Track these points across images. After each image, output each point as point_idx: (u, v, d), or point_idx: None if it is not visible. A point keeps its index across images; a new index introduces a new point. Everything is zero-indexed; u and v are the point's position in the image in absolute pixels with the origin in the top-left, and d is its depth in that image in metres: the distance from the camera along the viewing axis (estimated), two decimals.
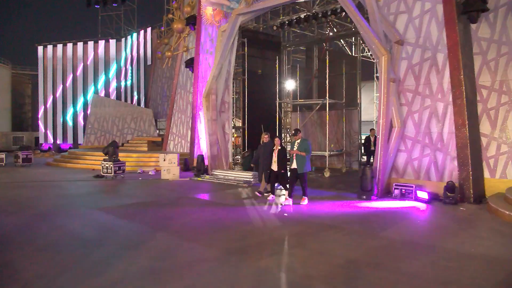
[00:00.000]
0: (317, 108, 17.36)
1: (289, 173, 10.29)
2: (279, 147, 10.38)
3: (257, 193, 11.15)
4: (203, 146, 16.39)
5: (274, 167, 10.37)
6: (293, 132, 10.24)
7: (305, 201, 9.91)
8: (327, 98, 15.98)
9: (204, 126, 16.05)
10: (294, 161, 9.77)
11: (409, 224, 8.06)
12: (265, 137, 11.23)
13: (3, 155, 20.45)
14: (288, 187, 10.10)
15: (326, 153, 16.40)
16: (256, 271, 5.29)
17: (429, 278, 5.05)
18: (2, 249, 6.25)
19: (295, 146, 9.86)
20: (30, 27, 54.57)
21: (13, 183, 13.87)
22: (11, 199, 10.67)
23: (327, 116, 16.44)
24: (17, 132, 37.42)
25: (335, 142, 18.15)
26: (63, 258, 5.76)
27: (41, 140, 33.77)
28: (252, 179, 13.32)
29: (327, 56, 16.32)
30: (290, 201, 9.87)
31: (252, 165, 11.78)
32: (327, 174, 15.50)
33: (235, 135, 17.89)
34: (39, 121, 34.14)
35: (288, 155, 10.21)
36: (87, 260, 5.69)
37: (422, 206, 9.70)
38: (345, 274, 5.21)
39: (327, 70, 16.01)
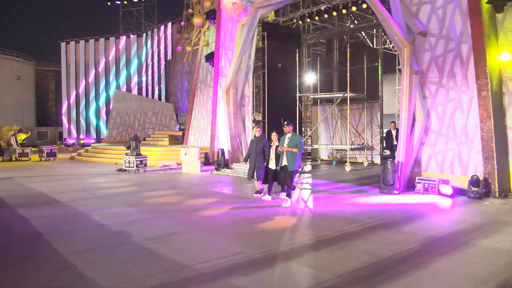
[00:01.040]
0: (337, 101, 17.20)
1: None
2: (277, 143, 9.29)
3: (255, 195, 10.03)
4: (223, 140, 16.44)
5: (272, 164, 9.40)
6: (284, 123, 9.14)
7: (287, 203, 8.91)
8: (348, 91, 15.83)
9: (224, 120, 16.09)
10: (284, 158, 8.91)
11: (432, 219, 7.94)
12: (257, 131, 10.00)
13: (28, 150, 20.98)
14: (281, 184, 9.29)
15: (347, 147, 16.26)
16: (278, 265, 5.28)
17: (452, 273, 4.97)
18: (28, 242, 6.40)
19: (285, 141, 8.93)
20: (52, 24, 55.61)
21: (38, 177, 14.20)
22: (37, 193, 10.91)
23: (348, 109, 16.29)
24: (42, 127, 38.29)
25: (356, 136, 17.97)
26: (89, 251, 5.86)
27: (65, 135, 34.47)
28: None
29: (348, 48, 16.13)
30: (270, 198, 9.33)
31: (244, 162, 10.51)
32: (348, 168, 15.38)
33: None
34: (63, 116, 34.84)
35: (278, 151, 9.13)
36: (113, 254, 5.78)
37: (445, 200, 9.53)
38: (368, 268, 5.16)
39: (348, 63, 15.82)
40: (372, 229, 7.02)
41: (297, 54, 17.44)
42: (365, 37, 20.70)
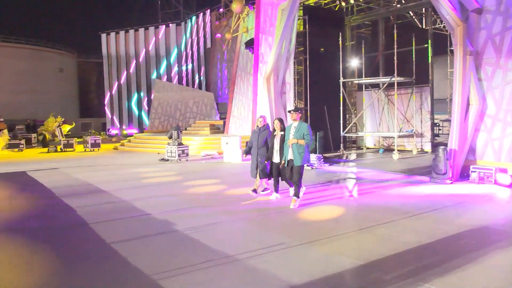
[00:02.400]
0: (384, 86, 16.57)
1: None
2: (281, 132, 8.18)
3: (251, 192, 8.76)
4: None
5: (276, 158, 8.25)
6: (292, 109, 8.03)
7: (296, 204, 7.74)
8: (396, 75, 15.23)
9: (265, 108, 15.84)
10: (290, 150, 7.76)
11: (488, 211, 7.45)
12: (259, 121, 8.84)
13: (72, 141, 21.64)
14: (276, 180, 8.21)
15: (395, 134, 15.69)
16: (322, 255, 5.15)
17: (511, 270, 4.63)
18: (75, 231, 6.51)
19: (291, 131, 7.77)
20: (92, 15, 56.89)
21: (83, 167, 14.57)
22: (82, 183, 11.16)
23: (396, 94, 15.67)
24: (85, 119, 39.46)
25: (404, 122, 17.26)
26: (133, 239, 5.87)
27: (108, 126, 35.35)
28: (315, 162, 12.98)
29: (395, 30, 15.43)
30: (278, 196, 8.23)
31: (244, 155, 9.22)
32: (396, 156, 14.84)
33: None
34: (106, 107, 35.65)
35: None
36: (156, 243, 5.76)
37: (503, 191, 8.96)
38: (416, 261, 4.91)
39: (395, 45, 15.16)
40: (422, 221, 6.69)
41: (340, 37, 16.85)
42: (413, 17, 19.65)
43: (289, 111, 7.99)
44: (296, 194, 7.78)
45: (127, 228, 6.60)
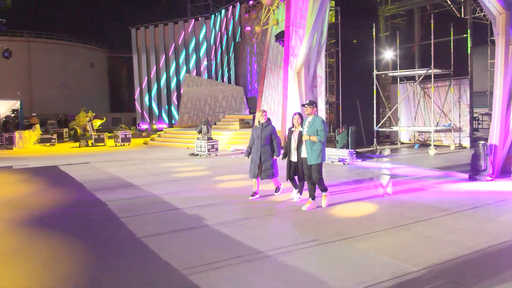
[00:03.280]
0: (420, 78, 16.06)
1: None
2: (300, 129, 7.40)
3: (251, 197, 8.09)
4: None
5: (294, 156, 7.60)
6: (306, 103, 7.26)
7: (325, 200, 7.31)
8: (432, 67, 14.73)
9: (295, 103, 15.60)
10: (303, 147, 7.20)
11: None
12: (262, 116, 7.98)
13: (103, 135, 22.00)
14: (307, 183, 7.37)
15: (431, 129, 15.20)
16: (356, 253, 5.02)
17: None
18: (106, 225, 6.56)
19: (305, 126, 7.16)
20: (122, 10, 57.44)
21: (113, 162, 14.78)
22: (113, 177, 11.29)
23: (432, 87, 15.17)
24: (116, 113, 39.98)
25: (441, 116, 16.65)
26: (163, 234, 5.85)
27: (138, 120, 35.69)
28: (347, 157, 12.68)
29: (432, 19, 14.91)
30: (300, 197, 7.48)
31: (246, 157, 8.33)
32: (432, 151, 14.39)
33: (328, 111, 17.20)
34: (136, 102, 36.00)
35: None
36: (186, 238, 5.72)
37: None
38: (458, 261, 4.68)
39: (432, 36, 14.66)
40: (461, 219, 6.43)
41: (373, 28, 16.38)
42: (451, 5, 18.89)
43: (303, 105, 7.37)
44: (324, 190, 7.24)
45: (157, 222, 6.60)
